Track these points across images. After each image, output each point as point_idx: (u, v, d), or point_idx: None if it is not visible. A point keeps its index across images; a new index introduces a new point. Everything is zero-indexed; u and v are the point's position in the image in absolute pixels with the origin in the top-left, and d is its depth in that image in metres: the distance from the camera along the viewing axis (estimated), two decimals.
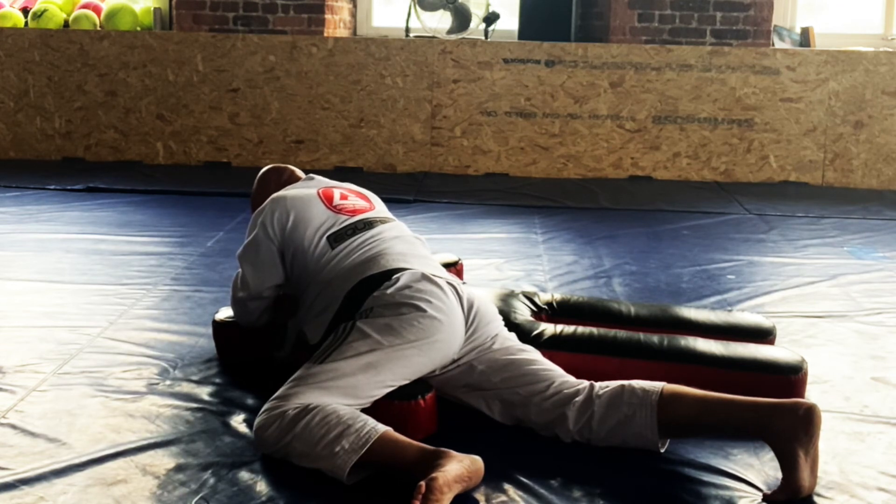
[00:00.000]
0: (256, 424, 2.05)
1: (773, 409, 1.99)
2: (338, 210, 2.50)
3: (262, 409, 2.07)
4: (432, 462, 1.88)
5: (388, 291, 2.21)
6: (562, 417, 2.14)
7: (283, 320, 2.51)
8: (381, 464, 1.95)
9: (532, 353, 2.29)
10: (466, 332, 2.25)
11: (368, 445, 1.93)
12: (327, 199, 2.53)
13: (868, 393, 2.49)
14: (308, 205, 2.49)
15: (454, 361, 2.26)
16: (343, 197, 2.57)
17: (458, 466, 1.88)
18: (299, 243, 2.42)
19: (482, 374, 2.24)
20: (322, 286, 2.35)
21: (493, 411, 2.24)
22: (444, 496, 1.82)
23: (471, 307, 2.28)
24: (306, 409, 2.00)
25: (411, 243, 2.47)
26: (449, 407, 2.26)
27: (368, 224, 2.48)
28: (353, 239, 2.42)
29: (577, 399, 2.14)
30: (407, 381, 2.18)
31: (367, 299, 2.21)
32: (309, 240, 2.42)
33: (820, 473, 2.04)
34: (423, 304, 2.18)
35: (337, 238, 2.42)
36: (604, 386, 2.15)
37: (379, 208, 2.63)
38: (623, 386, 2.13)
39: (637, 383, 2.13)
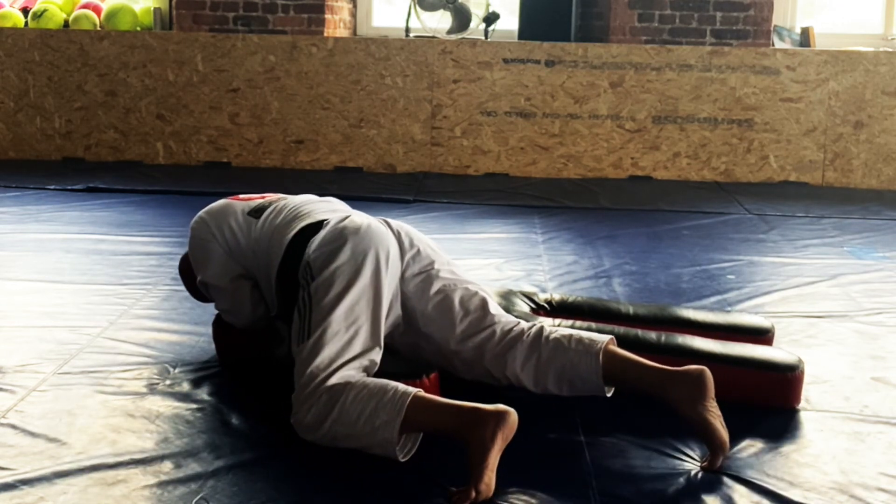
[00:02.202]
0: (294, 417, 2.09)
1: (666, 377, 2.11)
2: (247, 199, 2.62)
3: (293, 402, 2.10)
4: (468, 430, 1.93)
5: (322, 236, 2.26)
6: (511, 357, 2.23)
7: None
8: (421, 428, 2.02)
9: (468, 288, 2.33)
10: (400, 247, 2.29)
11: (404, 412, 1.98)
12: (235, 199, 2.65)
13: (868, 393, 2.49)
14: (219, 208, 2.60)
15: (404, 284, 2.28)
16: (247, 196, 2.69)
17: (493, 438, 1.91)
18: (230, 236, 2.51)
19: (432, 322, 2.29)
20: (264, 251, 2.42)
21: (458, 370, 2.31)
22: (489, 484, 1.89)
23: (399, 229, 2.33)
24: (339, 391, 2.04)
25: (331, 203, 2.56)
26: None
27: (280, 199, 2.58)
28: (273, 206, 2.52)
29: (524, 339, 2.25)
30: (388, 308, 2.21)
31: (305, 251, 2.26)
32: (236, 226, 2.52)
33: (820, 473, 2.04)
34: (350, 236, 2.22)
35: (257, 211, 2.53)
36: (553, 331, 2.26)
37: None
38: (571, 334, 2.23)
39: (585, 334, 2.24)
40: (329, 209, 2.47)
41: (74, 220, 4.30)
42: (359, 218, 2.32)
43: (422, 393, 2.04)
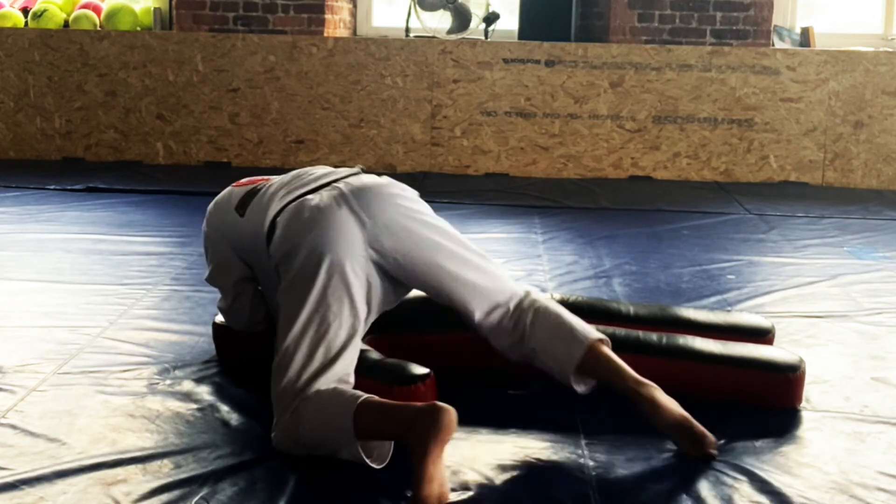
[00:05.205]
0: (273, 439, 2.07)
1: (633, 394, 2.12)
2: (238, 184, 2.52)
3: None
4: (407, 434, 1.87)
5: (277, 235, 2.18)
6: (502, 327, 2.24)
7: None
8: (375, 438, 1.96)
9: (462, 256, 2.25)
10: (362, 225, 2.14)
11: (353, 427, 1.91)
12: (236, 185, 2.54)
13: (868, 393, 2.49)
14: (222, 200, 2.53)
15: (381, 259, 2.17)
16: (249, 178, 2.56)
17: (427, 441, 1.83)
18: (229, 232, 2.45)
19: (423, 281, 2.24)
20: (256, 258, 2.36)
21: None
22: (431, 495, 1.82)
23: (357, 196, 2.17)
24: (297, 409, 2.01)
25: (297, 176, 2.39)
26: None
27: (264, 187, 2.44)
28: (255, 199, 2.38)
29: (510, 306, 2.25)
30: (364, 297, 2.13)
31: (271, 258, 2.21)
32: (231, 222, 2.44)
33: (820, 473, 2.04)
34: (302, 237, 2.12)
35: (241, 205, 2.41)
36: (544, 304, 2.25)
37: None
38: (562, 319, 2.22)
39: (577, 326, 2.22)
40: (299, 185, 2.31)
41: (74, 220, 4.30)
42: (306, 209, 2.16)
43: (368, 399, 1.95)
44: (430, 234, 2.21)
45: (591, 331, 2.22)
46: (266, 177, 2.53)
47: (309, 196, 2.22)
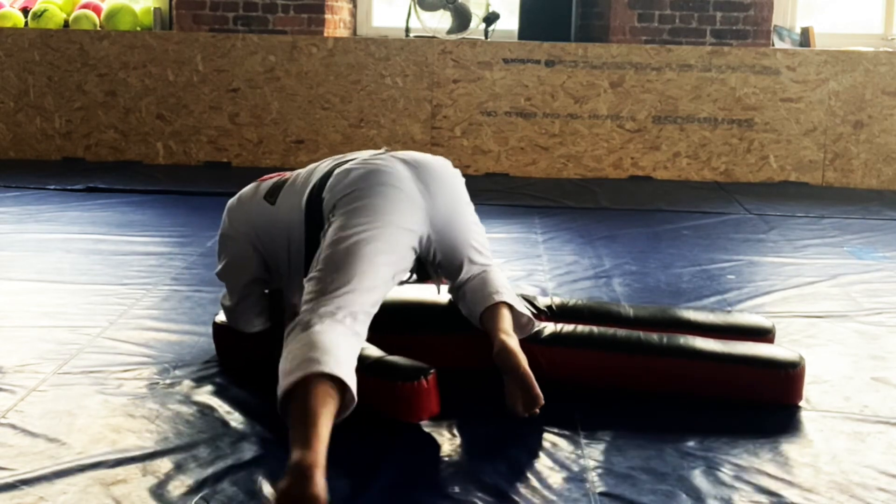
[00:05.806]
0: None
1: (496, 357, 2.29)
2: (263, 179, 2.56)
3: None
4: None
5: (347, 180, 2.27)
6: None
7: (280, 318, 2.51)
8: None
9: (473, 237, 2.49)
10: (420, 185, 2.32)
11: (286, 397, 1.90)
12: (262, 180, 2.58)
13: (868, 393, 2.49)
14: (247, 195, 2.55)
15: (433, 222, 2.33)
16: (274, 173, 2.62)
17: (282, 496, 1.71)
18: (257, 224, 2.45)
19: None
20: (284, 226, 2.38)
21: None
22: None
23: (414, 164, 2.36)
24: (294, 330, 2.02)
25: (333, 158, 2.50)
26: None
27: (293, 176, 2.51)
28: (288, 188, 2.44)
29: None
30: (404, 261, 2.25)
31: (325, 196, 2.28)
32: (257, 214, 2.45)
33: (820, 473, 2.04)
34: (376, 178, 2.26)
35: (271, 193, 2.46)
36: (490, 271, 2.46)
37: None
38: (490, 283, 2.43)
39: (497, 288, 2.41)
40: (340, 161, 2.43)
41: (74, 220, 4.30)
42: (377, 160, 2.34)
43: (306, 387, 1.86)
44: (466, 219, 2.46)
45: (504, 296, 2.40)
46: (290, 172, 2.57)
47: (375, 160, 2.35)
